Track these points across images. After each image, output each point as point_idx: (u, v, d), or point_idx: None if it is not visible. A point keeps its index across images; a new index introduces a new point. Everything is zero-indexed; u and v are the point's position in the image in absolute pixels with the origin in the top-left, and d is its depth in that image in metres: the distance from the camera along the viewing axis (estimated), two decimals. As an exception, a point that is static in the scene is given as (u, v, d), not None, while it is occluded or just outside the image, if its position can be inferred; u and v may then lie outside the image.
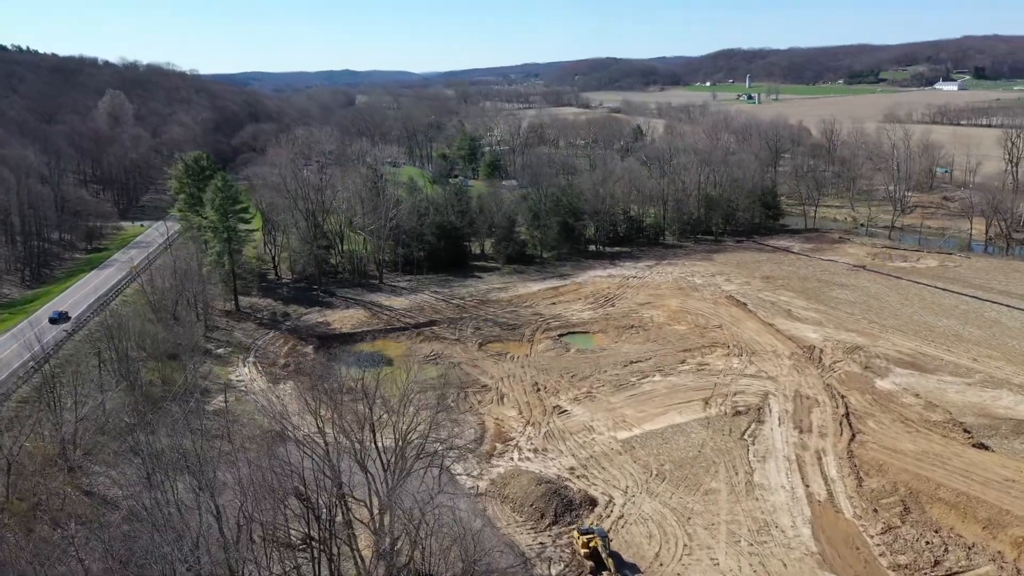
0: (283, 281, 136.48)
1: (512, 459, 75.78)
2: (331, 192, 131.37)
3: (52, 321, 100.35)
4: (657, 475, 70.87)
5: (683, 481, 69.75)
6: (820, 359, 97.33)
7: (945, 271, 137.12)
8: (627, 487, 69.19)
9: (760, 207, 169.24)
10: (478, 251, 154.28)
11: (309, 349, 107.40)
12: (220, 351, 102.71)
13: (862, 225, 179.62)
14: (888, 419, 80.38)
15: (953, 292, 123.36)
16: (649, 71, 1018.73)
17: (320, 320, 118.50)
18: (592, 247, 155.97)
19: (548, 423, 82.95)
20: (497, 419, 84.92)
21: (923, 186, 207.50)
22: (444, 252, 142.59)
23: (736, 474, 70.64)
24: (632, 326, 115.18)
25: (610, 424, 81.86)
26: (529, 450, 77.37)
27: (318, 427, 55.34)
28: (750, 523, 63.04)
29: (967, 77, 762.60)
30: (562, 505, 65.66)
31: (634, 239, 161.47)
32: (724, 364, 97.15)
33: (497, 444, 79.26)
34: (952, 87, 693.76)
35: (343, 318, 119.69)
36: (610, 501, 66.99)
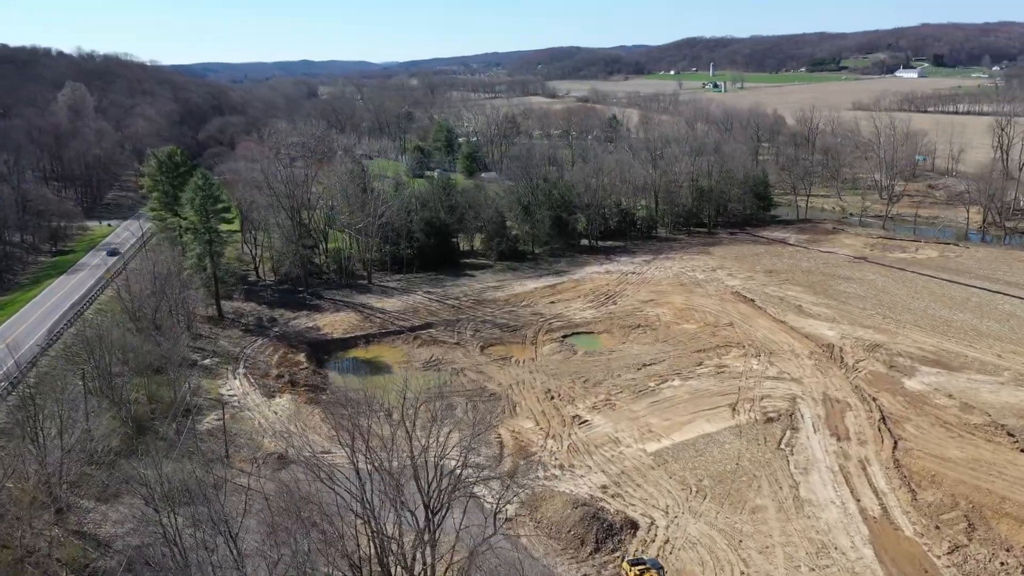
0: (266, 283, 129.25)
1: (538, 477, 70.45)
2: (318, 188, 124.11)
3: None
4: (697, 492, 66.14)
5: (726, 498, 65.10)
6: (842, 358, 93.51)
7: (947, 261, 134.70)
8: (667, 507, 64.35)
9: (752, 198, 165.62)
10: (467, 248, 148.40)
11: (301, 357, 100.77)
12: (207, 362, 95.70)
13: (851, 215, 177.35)
14: (926, 423, 76.67)
15: (961, 284, 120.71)
16: (613, 60, 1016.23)
17: (310, 325, 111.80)
18: (585, 241, 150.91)
19: (570, 435, 77.81)
20: (514, 432, 79.51)
21: (905, 174, 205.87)
22: (433, 250, 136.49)
23: (781, 489, 66.19)
24: (638, 325, 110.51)
25: (636, 435, 76.98)
26: (555, 467, 72.13)
27: (353, 464, 48.88)
28: (807, 545, 58.57)
29: (926, 64, 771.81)
30: (603, 530, 60.60)
31: (626, 232, 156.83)
32: (743, 366, 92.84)
33: (519, 461, 73.91)
34: (912, 74, 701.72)
35: (334, 322, 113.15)
36: (652, 524, 62.09)
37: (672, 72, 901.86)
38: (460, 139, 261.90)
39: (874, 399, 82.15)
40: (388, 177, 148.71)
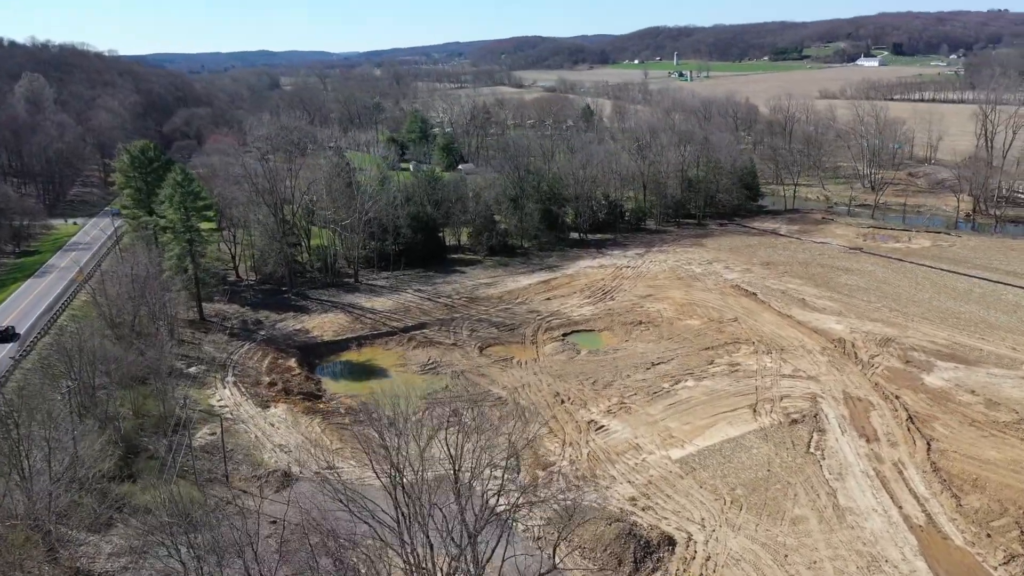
0: (246, 283, 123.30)
1: (561, 490, 66.44)
2: (302, 183, 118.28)
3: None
4: (732, 503, 62.71)
5: (763, 508, 61.78)
6: (856, 354, 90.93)
7: (941, 251, 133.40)
8: (703, 519, 60.83)
9: (740, 188, 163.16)
10: (453, 242, 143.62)
11: (292, 362, 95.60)
12: (192, 370, 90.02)
13: (836, 204, 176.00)
14: (954, 421, 74.24)
15: (960, 274, 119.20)
16: (577, 49, 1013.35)
17: (298, 327, 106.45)
18: (574, 235, 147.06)
19: (588, 442, 73.99)
20: (529, 441, 75.24)
21: (885, 163, 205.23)
22: (421, 246, 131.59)
23: (818, 497, 63.05)
24: (640, 322, 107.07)
25: (658, 441, 73.39)
26: (576, 477, 68.24)
27: (392, 497, 44.40)
28: (856, 558, 55.45)
29: (886, 53, 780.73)
30: (640, 548, 56.82)
31: (615, 225, 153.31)
32: (756, 364, 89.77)
33: (538, 472, 69.90)
34: (873, 63, 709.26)
35: (322, 324, 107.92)
36: (689, 539, 58.50)
37: (636, 61, 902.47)
38: (435, 130, 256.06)
39: (896, 397, 79.58)
40: (363, 170, 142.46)
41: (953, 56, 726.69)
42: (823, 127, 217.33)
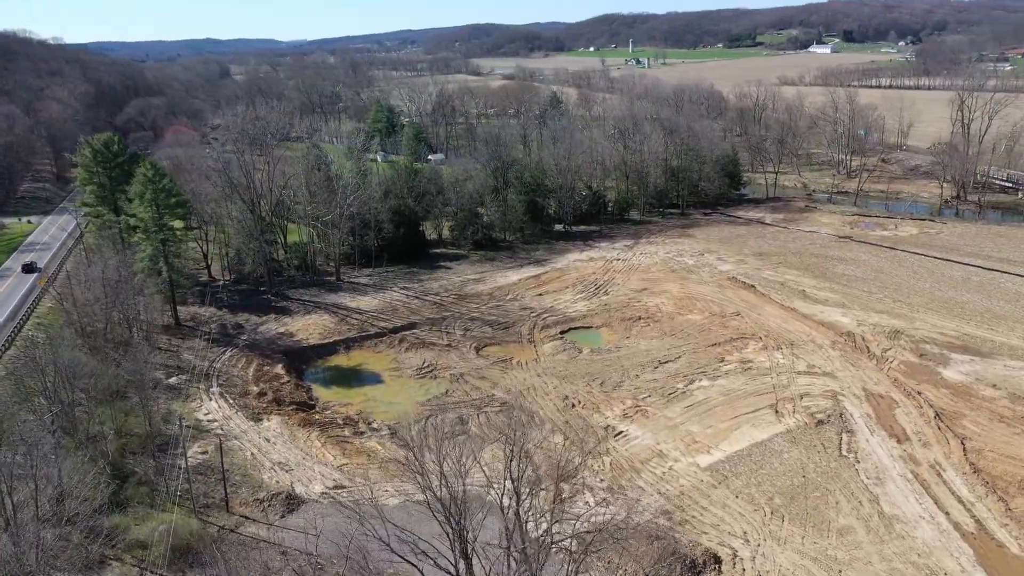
0: (220, 284, 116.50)
1: (588, 504, 62.30)
2: (283, 178, 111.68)
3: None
4: (773, 513, 59.30)
5: (806, 519, 58.48)
6: (868, 348, 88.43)
7: (930, 239, 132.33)
8: (745, 532, 57.30)
9: (723, 177, 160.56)
10: (434, 236, 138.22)
11: (279, 369, 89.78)
12: (173, 380, 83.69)
13: (816, 191, 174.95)
14: (983, 418, 71.99)
15: (954, 262, 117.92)
16: (532, 37, 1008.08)
17: (281, 331, 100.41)
18: (558, 227, 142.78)
19: (609, 451, 69.96)
20: (545, 451, 70.92)
21: (859, 149, 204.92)
22: (403, 241, 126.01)
23: (861, 504, 59.99)
24: (639, 317, 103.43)
25: (682, 447, 69.75)
26: (603, 489, 64.17)
27: (450, 539, 39.74)
28: (912, 571, 52.44)
29: (837, 40, 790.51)
30: (685, 568, 53.07)
31: (598, 216, 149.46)
32: (768, 360, 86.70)
33: (561, 484, 65.47)
34: (826, 50, 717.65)
35: (306, 326, 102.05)
36: (735, 555, 54.92)
37: (592, 49, 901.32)
38: (403, 120, 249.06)
39: (918, 393, 77.15)
40: (332, 161, 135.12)
41: (902, 43, 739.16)
42: (796, 114, 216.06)
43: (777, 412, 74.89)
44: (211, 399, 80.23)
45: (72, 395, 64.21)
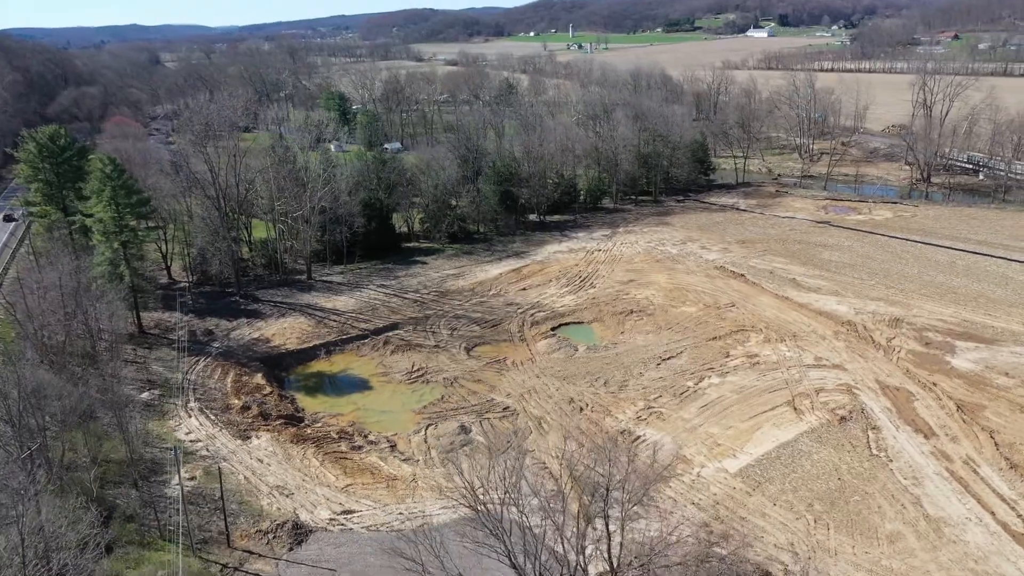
0: (182, 285, 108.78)
1: (618, 519, 58.28)
2: (250, 172, 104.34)
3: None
4: (816, 522, 56.27)
5: (852, 526, 55.60)
6: (872, 338, 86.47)
7: (906, 222, 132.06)
8: (792, 544, 54.09)
9: (693, 163, 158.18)
10: (404, 230, 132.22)
11: (259, 379, 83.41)
12: (145, 396, 76.69)
13: (782, 175, 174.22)
14: (1004, 409, 70.40)
15: (936, 246, 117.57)
16: (472, 22, 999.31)
17: (255, 336, 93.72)
18: (533, 217, 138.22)
19: (630, 459, 65.86)
20: (559, 458, 66.67)
21: (820, 133, 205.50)
22: (375, 235, 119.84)
23: (904, 507, 57.39)
24: (631, 311, 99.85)
25: (705, 451, 66.33)
26: (629, 502, 60.06)
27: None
28: (974, 580, 49.93)
29: (773, 24, 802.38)
30: (739, 588, 49.50)
31: (570, 205, 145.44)
32: (774, 354, 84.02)
33: (585, 497, 61.37)
34: (763, 34, 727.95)
35: (282, 331, 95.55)
36: (786, 570, 51.67)
37: (532, 34, 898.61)
38: (355, 107, 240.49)
39: (934, 384, 75.30)
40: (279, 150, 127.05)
41: (835, 27, 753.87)
42: (754, 98, 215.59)
43: (796, 409, 72.10)
44: (190, 416, 73.62)
45: (42, 420, 57.28)
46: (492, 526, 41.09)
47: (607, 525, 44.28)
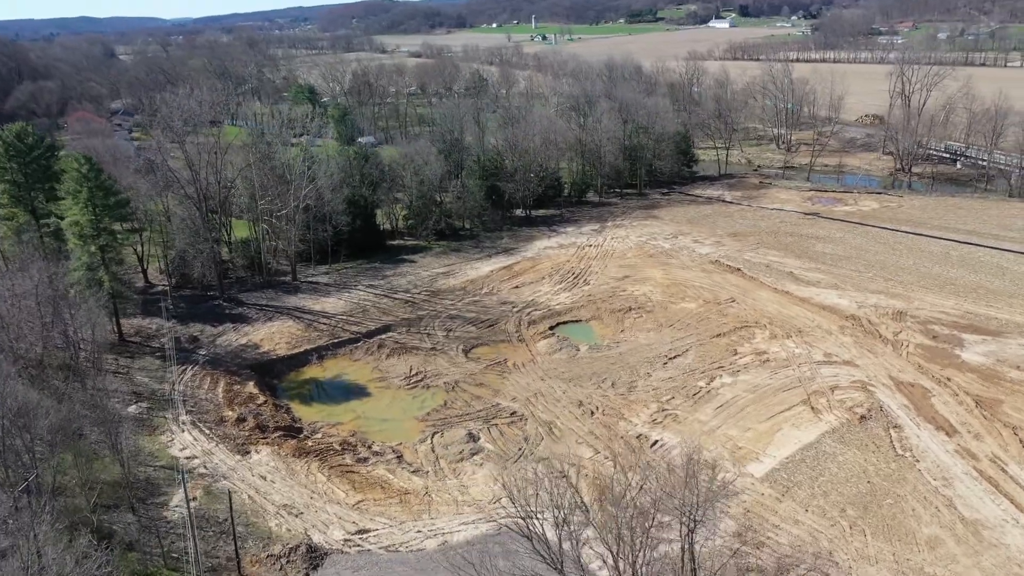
0: (158, 289, 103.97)
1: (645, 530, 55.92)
2: (233, 169, 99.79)
3: None
4: (852, 528, 54.51)
5: (888, 532, 53.93)
6: (878, 332, 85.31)
7: (894, 213, 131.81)
8: (830, 553, 52.18)
9: (677, 155, 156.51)
10: (387, 227, 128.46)
11: (252, 387, 79.53)
12: (132, 409, 72.39)
13: (761, 167, 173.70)
14: (1021, 403, 69.49)
15: (928, 236, 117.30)
16: (433, 13, 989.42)
17: (243, 342, 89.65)
18: (518, 212, 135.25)
19: (649, 465, 63.64)
20: (577, 466, 64.19)
21: (796, 123, 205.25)
22: (360, 233, 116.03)
23: (939, 510, 55.90)
24: (629, 308, 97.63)
25: (727, 455, 64.28)
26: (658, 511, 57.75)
27: None
28: (1021, 586, 48.50)
29: (734, 15, 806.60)
30: (786, 603, 47.46)
31: (555, 199, 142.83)
32: (783, 351, 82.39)
33: (611, 508, 58.88)
34: (724, 24, 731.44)
35: (271, 335, 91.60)
36: (829, 581, 49.70)
37: (494, 25, 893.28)
38: (325, 100, 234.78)
39: (948, 379, 74.23)
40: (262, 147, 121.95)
41: (795, 17, 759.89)
42: (729, 89, 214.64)
43: (813, 408, 70.45)
44: (183, 430, 69.63)
45: (30, 443, 53.13)
46: (550, 559, 38.30)
47: (692, 557, 41.59)
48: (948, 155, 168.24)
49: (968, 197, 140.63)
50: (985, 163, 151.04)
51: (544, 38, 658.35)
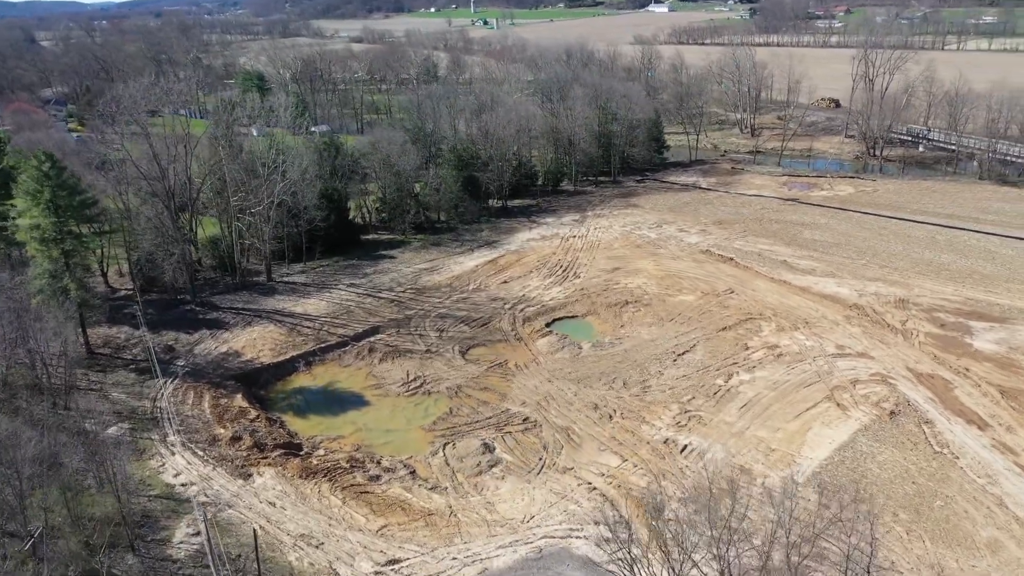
0: (121, 294, 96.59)
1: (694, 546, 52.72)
2: (204, 165, 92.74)
3: None
4: (908, 534, 52.24)
5: (946, 536, 51.87)
6: (885, 321, 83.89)
7: (871, 197, 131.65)
8: (892, 563, 49.82)
9: (650, 141, 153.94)
10: (359, 221, 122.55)
11: (240, 400, 73.66)
12: (113, 431, 65.96)
13: (728, 152, 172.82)
14: (1044, 393, 68.50)
15: (911, 221, 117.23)
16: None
17: (223, 350, 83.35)
18: (494, 202, 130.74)
19: (683, 471, 60.58)
20: (607, 478, 60.63)
21: (758, 107, 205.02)
22: (335, 229, 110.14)
23: (991, 511, 54.11)
24: (625, 302, 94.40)
25: (761, 459, 61.53)
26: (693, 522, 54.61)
27: None
28: (1093, 590, 46.81)
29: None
30: (861, 622, 44.77)
31: (530, 188, 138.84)
32: (794, 344, 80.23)
33: (652, 522, 55.51)
34: (663, 8, 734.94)
35: (252, 342, 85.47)
36: (899, 594, 47.26)
37: (433, 9, 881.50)
38: (270, 87, 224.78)
39: (966, 369, 73.00)
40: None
41: (731, 2, 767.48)
42: (686, 73, 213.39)
43: (839, 405, 68.28)
44: (173, 453, 63.62)
45: (20, 480, 47.02)
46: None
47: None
48: (911, 138, 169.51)
49: (940, 180, 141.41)
50: (950, 146, 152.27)
51: (485, 22, 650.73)
